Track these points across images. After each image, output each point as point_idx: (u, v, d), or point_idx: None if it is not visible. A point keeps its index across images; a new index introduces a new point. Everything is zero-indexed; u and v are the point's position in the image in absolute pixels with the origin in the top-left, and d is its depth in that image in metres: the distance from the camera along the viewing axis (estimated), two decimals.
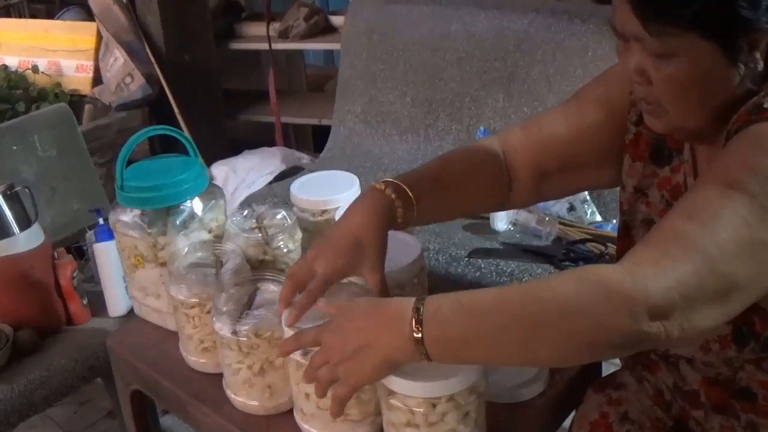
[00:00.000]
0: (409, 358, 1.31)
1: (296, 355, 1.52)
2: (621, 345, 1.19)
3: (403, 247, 1.78)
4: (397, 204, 1.56)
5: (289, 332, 1.52)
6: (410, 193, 1.59)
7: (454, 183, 1.68)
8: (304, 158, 4.09)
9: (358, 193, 2.07)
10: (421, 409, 1.38)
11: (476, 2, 3.40)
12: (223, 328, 1.67)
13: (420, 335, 1.27)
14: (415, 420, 1.39)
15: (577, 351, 1.21)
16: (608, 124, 1.66)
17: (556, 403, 1.76)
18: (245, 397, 1.72)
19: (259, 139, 4.66)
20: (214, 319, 1.69)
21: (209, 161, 4.16)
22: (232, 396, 1.75)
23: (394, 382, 1.38)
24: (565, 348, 1.21)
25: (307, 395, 1.57)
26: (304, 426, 1.63)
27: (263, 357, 1.66)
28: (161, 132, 2.11)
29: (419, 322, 1.27)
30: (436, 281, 2.05)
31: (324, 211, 2.06)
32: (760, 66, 1.36)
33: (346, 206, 1.67)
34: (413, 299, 1.30)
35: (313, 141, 5.39)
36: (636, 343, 1.18)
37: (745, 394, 1.52)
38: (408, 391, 1.38)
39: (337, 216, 1.94)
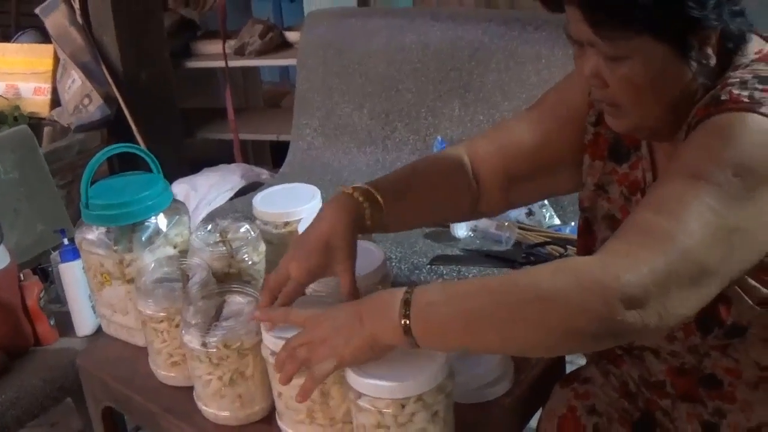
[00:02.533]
0: (395, 343, 1.36)
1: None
2: (597, 334, 1.22)
3: (367, 255, 1.82)
4: (365, 206, 1.59)
5: (269, 338, 1.56)
6: (378, 197, 1.62)
7: (423, 189, 1.72)
8: (264, 174, 4.11)
9: (320, 204, 2.10)
10: (390, 410, 1.41)
11: (430, 13, 3.46)
12: (192, 340, 1.69)
13: (408, 323, 1.32)
14: (385, 421, 1.42)
15: (554, 338, 1.25)
16: (568, 130, 1.71)
17: (523, 401, 1.79)
18: (216, 408, 1.75)
19: (218, 156, 4.67)
20: (183, 332, 1.72)
21: (169, 179, 4.11)
22: (204, 407, 1.77)
23: (362, 384, 1.42)
24: (542, 335, 1.25)
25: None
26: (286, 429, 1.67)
27: (233, 368, 1.69)
28: (125, 150, 2.13)
29: (408, 311, 1.32)
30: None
31: (287, 223, 2.09)
32: (713, 61, 1.40)
33: (309, 218, 1.73)
34: (402, 289, 1.35)
35: (271, 157, 5.41)
36: (613, 333, 1.22)
37: (711, 382, 1.56)
38: (376, 392, 1.41)
39: (300, 228, 1.98)
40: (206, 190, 3.98)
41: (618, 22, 1.35)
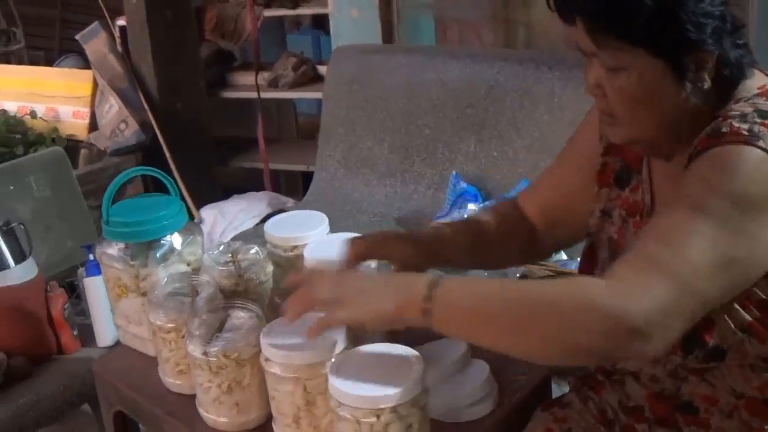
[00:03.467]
0: (412, 322, 1.46)
1: (274, 368, 1.68)
2: (596, 353, 1.35)
3: None
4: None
5: (267, 346, 1.69)
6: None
7: (481, 233, 1.92)
8: (289, 202, 4.24)
9: (327, 231, 2.24)
10: (367, 420, 1.52)
11: (449, 52, 3.58)
12: (195, 349, 1.82)
13: (428, 308, 1.43)
14: (362, 430, 1.54)
15: (553, 350, 1.36)
16: (587, 179, 1.82)
17: (505, 423, 1.86)
18: (215, 414, 1.87)
19: (249, 184, 4.80)
20: (187, 341, 1.85)
21: (200, 205, 4.32)
22: (204, 413, 1.90)
23: (342, 394, 1.54)
24: (543, 344, 1.36)
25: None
26: None
27: (231, 377, 1.82)
28: (143, 172, 2.28)
29: (431, 297, 1.43)
30: None
31: (294, 247, 2.20)
32: (707, 85, 1.47)
33: (316, 243, 1.98)
34: (430, 275, 1.47)
35: (302, 187, 5.54)
36: (611, 356, 1.39)
37: (688, 408, 1.62)
38: (354, 402, 1.52)
39: (306, 252, 2.11)
40: (233, 216, 4.12)
41: (615, 33, 1.44)
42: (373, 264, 1.85)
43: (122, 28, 4.74)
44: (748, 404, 1.57)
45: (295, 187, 5.52)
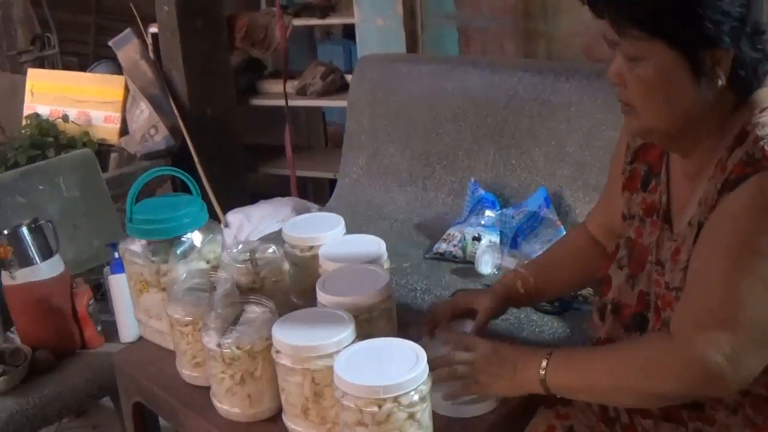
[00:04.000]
0: (535, 392, 1.75)
1: (284, 359, 1.76)
2: (686, 400, 1.62)
3: (374, 277, 2.02)
4: (518, 282, 2.13)
5: (278, 339, 1.80)
6: (529, 277, 2.13)
7: (565, 263, 2.18)
8: (314, 207, 4.30)
9: (343, 232, 2.32)
10: (369, 409, 1.59)
11: (471, 62, 3.62)
12: (210, 341, 1.90)
13: (544, 376, 1.70)
14: (364, 419, 1.61)
15: (650, 402, 1.67)
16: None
17: (509, 420, 1.92)
18: (228, 405, 1.95)
19: (276, 191, 4.86)
20: (203, 334, 1.93)
21: (228, 209, 4.40)
22: (218, 404, 1.97)
23: (346, 384, 1.61)
24: (641, 400, 1.65)
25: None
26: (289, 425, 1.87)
27: (243, 368, 1.89)
28: (166, 172, 2.36)
29: (546, 368, 1.70)
30: (406, 313, 2.29)
31: (311, 247, 2.29)
32: (721, 82, 1.54)
33: (331, 244, 2.14)
34: (545, 353, 1.72)
35: (329, 194, 5.58)
36: (693, 398, 1.61)
37: (694, 404, 1.67)
38: (357, 392, 1.60)
39: (322, 252, 2.19)
40: (259, 220, 4.19)
41: (636, 22, 1.52)
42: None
43: (154, 36, 4.83)
44: (753, 401, 1.63)
45: (322, 194, 5.57)
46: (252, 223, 4.22)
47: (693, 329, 1.51)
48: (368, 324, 1.93)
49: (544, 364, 1.70)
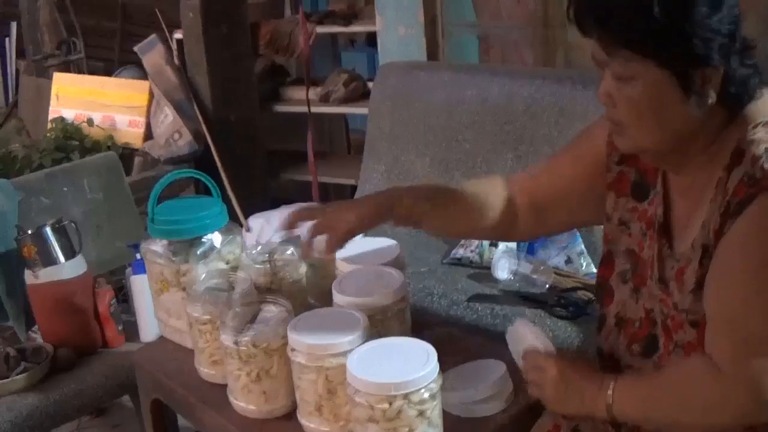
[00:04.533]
0: (596, 415, 1.73)
1: (299, 357, 1.81)
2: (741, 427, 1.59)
3: (389, 279, 2.06)
4: (402, 195, 1.94)
5: (294, 338, 1.84)
6: (422, 195, 1.97)
7: (461, 198, 2.00)
8: None
9: (360, 235, 2.35)
10: (380, 406, 1.63)
11: (490, 70, 3.65)
12: (227, 339, 1.95)
13: (611, 408, 1.69)
14: (375, 416, 1.65)
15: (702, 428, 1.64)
16: (585, 165, 1.90)
17: (518, 420, 1.95)
18: (244, 401, 1.99)
19: (298, 197, 4.85)
20: (221, 331, 1.97)
21: (249, 214, 4.44)
22: (234, 401, 2.01)
23: (358, 381, 1.65)
24: (693, 426, 1.63)
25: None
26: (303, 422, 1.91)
27: (260, 366, 1.93)
28: (187, 175, 2.42)
29: (612, 403, 1.69)
30: (422, 316, 2.32)
31: None
32: (711, 100, 1.53)
33: (348, 246, 2.03)
34: (610, 384, 1.70)
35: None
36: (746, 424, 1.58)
37: None
38: (369, 389, 1.64)
39: (339, 254, 2.22)
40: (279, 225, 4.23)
41: (625, 43, 1.51)
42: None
43: (179, 41, 4.89)
44: None
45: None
46: (272, 226, 4.24)
47: (740, 363, 1.52)
48: (382, 324, 1.96)
49: (609, 399, 1.70)
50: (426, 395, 1.66)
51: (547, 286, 2.94)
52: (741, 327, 1.53)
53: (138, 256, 2.77)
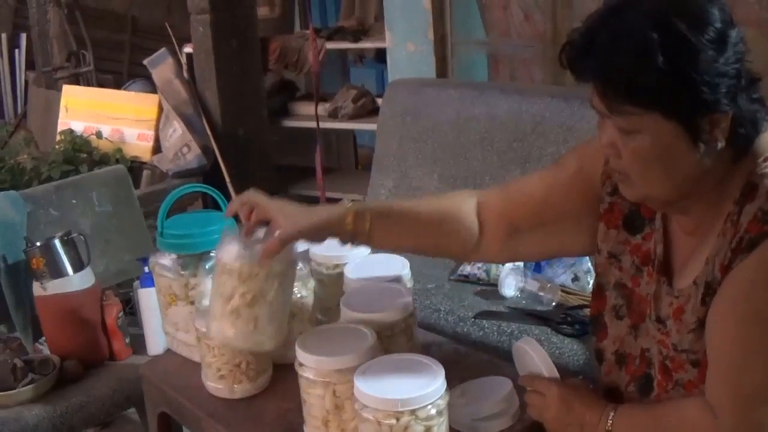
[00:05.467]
0: None
1: (307, 372, 1.80)
2: None
3: (396, 296, 2.06)
4: (350, 214, 1.82)
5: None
6: (366, 211, 1.84)
7: (417, 217, 1.91)
8: None
9: (367, 251, 2.36)
10: (387, 421, 1.63)
11: (499, 87, 3.69)
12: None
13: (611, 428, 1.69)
14: (383, 431, 1.65)
15: None
16: (576, 190, 1.82)
17: None
18: (229, 326, 1.90)
19: None
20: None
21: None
22: (212, 325, 1.94)
23: (365, 396, 1.65)
24: None
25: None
26: None
27: (258, 287, 1.87)
28: (196, 189, 2.42)
29: (612, 425, 1.68)
30: (430, 333, 2.33)
31: (336, 265, 2.33)
32: (721, 144, 1.47)
33: (356, 262, 2.14)
34: (610, 413, 1.70)
35: None
36: None
37: None
38: (376, 404, 1.64)
39: (347, 270, 2.23)
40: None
41: (628, 98, 1.43)
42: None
43: (189, 56, 4.93)
44: None
45: None
46: None
47: (737, 414, 1.50)
48: (389, 340, 1.96)
49: (608, 427, 1.69)
50: (433, 411, 1.65)
51: (554, 303, 2.95)
52: (741, 376, 1.50)
53: (146, 269, 2.77)
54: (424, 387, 1.65)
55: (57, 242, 2.74)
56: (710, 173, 1.52)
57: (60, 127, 4.90)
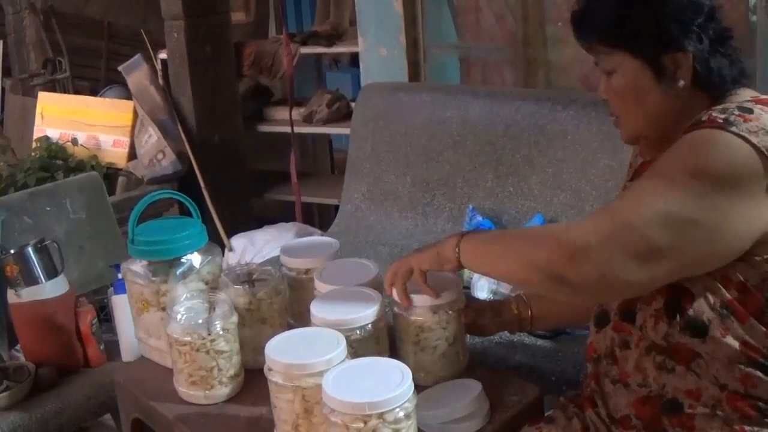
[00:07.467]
0: (449, 258, 1.84)
1: (276, 377, 1.83)
2: (549, 272, 1.58)
3: (366, 299, 2.09)
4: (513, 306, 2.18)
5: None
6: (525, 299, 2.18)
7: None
8: (317, 232, 4.35)
9: (338, 255, 2.38)
10: (355, 425, 1.65)
11: (471, 91, 3.70)
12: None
13: (458, 250, 1.82)
14: None
15: (521, 269, 1.66)
16: None
17: None
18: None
19: (282, 216, 4.90)
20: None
21: (233, 234, 4.47)
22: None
23: (333, 400, 1.67)
24: (514, 265, 1.69)
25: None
26: None
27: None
28: (167, 196, 2.44)
29: (459, 243, 1.82)
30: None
31: (307, 270, 2.35)
32: (683, 83, 1.65)
33: (327, 267, 2.26)
34: (461, 232, 1.86)
35: (334, 219, 5.64)
36: (560, 276, 1.57)
37: (673, 407, 1.69)
38: (343, 408, 1.66)
39: (317, 275, 2.25)
40: (262, 245, 4.26)
41: (597, 38, 1.70)
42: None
43: (164, 61, 4.91)
44: (730, 398, 1.64)
45: (327, 220, 5.59)
46: (256, 247, 4.29)
47: (588, 216, 1.65)
48: (359, 344, 1.99)
49: (458, 235, 1.84)
50: (401, 414, 1.67)
51: None
52: (614, 200, 1.68)
53: (120, 276, 2.78)
54: (392, 390, 1.67)
55: (30, 249, 2.74)
56: (685, 118, 1.66)
57: (36, 134, 4.89)
